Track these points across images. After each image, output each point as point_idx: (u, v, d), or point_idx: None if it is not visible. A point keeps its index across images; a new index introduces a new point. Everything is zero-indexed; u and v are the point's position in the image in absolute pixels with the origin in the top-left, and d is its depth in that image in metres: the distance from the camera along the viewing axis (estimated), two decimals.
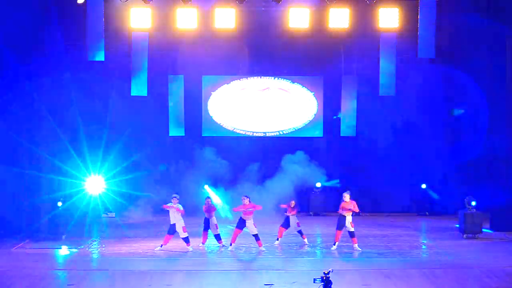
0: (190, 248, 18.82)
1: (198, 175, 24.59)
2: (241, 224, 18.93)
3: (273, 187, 23.79)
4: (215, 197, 24.09)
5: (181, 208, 18.68)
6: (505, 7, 22.10)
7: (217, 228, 19.26)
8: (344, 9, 22.20)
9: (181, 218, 18.74)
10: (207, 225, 19.27)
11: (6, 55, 21.39)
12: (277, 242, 19.75)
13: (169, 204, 18.78)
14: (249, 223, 18.85)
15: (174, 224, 18.70)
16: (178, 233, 18.75)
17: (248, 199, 18.93)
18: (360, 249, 18.72)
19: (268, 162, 24.91)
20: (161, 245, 18.86)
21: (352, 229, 18.81)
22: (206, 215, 19.26)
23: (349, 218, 18.76)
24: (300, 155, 24.73)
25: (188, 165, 24.89)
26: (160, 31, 23.02)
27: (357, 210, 18.84)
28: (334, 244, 18.98)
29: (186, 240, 18.81)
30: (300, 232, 19.86)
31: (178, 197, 18.90)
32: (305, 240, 19.86)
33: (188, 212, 19.41)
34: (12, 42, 21.32)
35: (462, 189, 23.24)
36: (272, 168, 24.57)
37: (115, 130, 25.46)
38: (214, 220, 19.24)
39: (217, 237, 19.34)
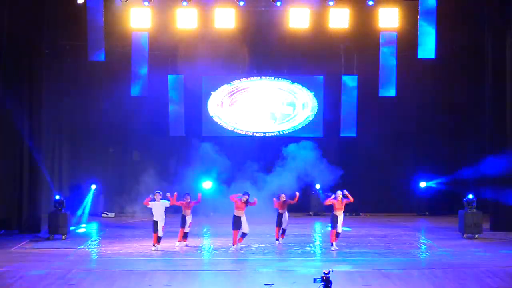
0: (158, 248, 18.63)
1: (198, 175, 24.56)
2: (237, 224, 18.81)
3: (272, 187, 23.74)
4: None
5: (168, 203, 18.70)
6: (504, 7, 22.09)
7: (189, 227, 19.31)
8: (344, 9, 22.23)
9: (164, 218, 18.69)
10: (183, 222, 19.26)
11: (6, 56, 21.38)
12: (277, 242, 19.73)
13: (152, 202, 18.69)
14: (243, 219, 18.76)
15: (157, 222, 18.61)
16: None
17: (247, 197, 18.85)
18: (337, 248, 18.65)
19: (268, 162, 24.89)
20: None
21: (339, 231, 18.82)
22: (184, 212, 19.25)
23: (341, 218, 18.76)
24: (300, 155, 24.69)
25: (188, 165, 24.88)
26: (160, 31, 23.02)
27: (351, 199, 18.84)
28: (332, 245, 18.89)
29: (159, 240, 18.74)
30: (283, 230, 19.72)
31: (161, 193, 18.82)
32: (280, 240, 19.67)
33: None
34: (12, 42, 21.30)
35: (462, 189, 23.20)
36: (271, 168, 24.55)
37: (115, 130, 25.48)
38: (189, 218, 19.25)
39: (185, 235, 19.39)
